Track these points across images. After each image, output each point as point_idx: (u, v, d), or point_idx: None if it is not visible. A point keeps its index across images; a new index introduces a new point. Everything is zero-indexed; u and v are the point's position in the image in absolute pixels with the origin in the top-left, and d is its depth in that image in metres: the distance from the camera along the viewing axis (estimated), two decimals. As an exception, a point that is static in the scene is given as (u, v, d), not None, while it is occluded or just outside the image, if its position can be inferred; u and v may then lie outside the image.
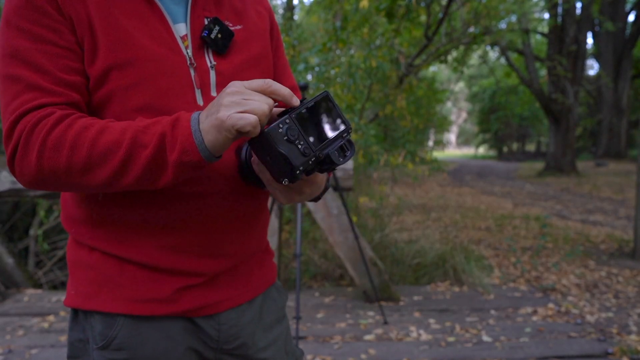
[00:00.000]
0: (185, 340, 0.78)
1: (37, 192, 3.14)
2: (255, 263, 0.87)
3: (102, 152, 0.63)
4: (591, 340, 2.54)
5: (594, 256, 4.47)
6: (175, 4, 0.74)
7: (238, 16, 0.82)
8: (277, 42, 0.92)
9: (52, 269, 4.13)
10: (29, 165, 0.64)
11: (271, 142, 0.61)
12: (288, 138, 0.62)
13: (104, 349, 0.75)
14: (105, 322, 0.74)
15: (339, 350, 2.45)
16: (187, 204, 0.74)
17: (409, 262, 3.86)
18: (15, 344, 2.51)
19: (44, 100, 0.65)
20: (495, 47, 14.54)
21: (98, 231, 0.75)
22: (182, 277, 0.76)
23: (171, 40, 0.72)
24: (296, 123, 0.63)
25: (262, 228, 0.89)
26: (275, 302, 0.91)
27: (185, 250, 0.75)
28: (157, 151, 0.63)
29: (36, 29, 0.66)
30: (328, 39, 4.77)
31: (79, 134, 0.63)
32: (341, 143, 0.67)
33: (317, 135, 0.66)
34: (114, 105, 0.69)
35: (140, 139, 0.63)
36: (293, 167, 0.62)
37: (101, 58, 0.68)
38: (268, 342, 0.87)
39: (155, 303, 0.75)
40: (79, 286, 0.77)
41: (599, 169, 14.87)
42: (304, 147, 0.63)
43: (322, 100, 0.67)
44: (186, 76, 0.72)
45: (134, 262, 0.74)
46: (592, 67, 26.71)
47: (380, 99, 6.47)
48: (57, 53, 0.67)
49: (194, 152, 0.62)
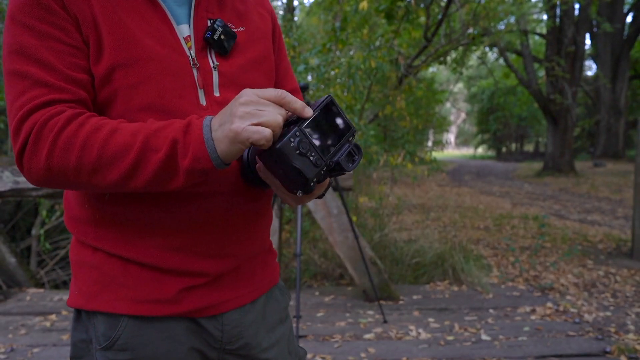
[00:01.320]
0: (189, 340, 0.78)
1: (39, 192, 3.15)
2: (258, 263, 0.87)
3: (113, 154, 0.63)
4: (589, 339, 2.56)
5: (592, 256, 4.50)
6: (179, 5, 0.75)
7: (240, 18, 0.82)
8: (280, 44, 0.92)
9: (54, 269, 4.14)
10: (38, 163, 0.63)
11: (285, 158, 0.61)
12: (300, 151, 0.62)
13: (107, 350, 0.74)
14: (108, 322, 0.74)
15: (339, 349, 2.46)
16: (190, 204, 0.74)
17: (408, 262, 3.87)
18: (18, 343, 2.52)
19: (53, 97, 0.65)
20: (494, 48, 14.55)
21: (102, 231, 0.74)
22: (186, 278, 0.76)
23: (174, 41, 0.73)
24: (306, 135, 0.63)
25: (265, 228, 0.89)
26: (278, 303, 0.91)
27: (189, 251, 0.75)
28: (169, 156, 0.63)
29: (42, 26, 0.65)
30: (328, 40, 4.78)
31: (89, 135, 0.63)
32: (349, 148, 0.68)
33: (325, 142, 0.66)
34: (118, 104, 0.70)
35: (151, 143, 0.63)
36: (307, 180, 0.63)
37: (106, 57, 0.68)
38: (271, 343, 0.87)
39: (159, 303, 0.75)
40: (82, 286, 0.76)
41: (597, 169, 14.90)
42: (315, 159, 0.64)
43: (327, 105, 0.67)
44: (189, 76, 0.73)
45: (138, 263, 0.74)
46: (590, 68, 26.72)
47: (380, 99, 6.49)
48: (64, 50, 0.67)
49: (206, 160, 0.63)
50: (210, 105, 0.75)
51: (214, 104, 0.75)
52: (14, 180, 3.11)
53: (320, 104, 0.67)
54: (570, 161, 14.28)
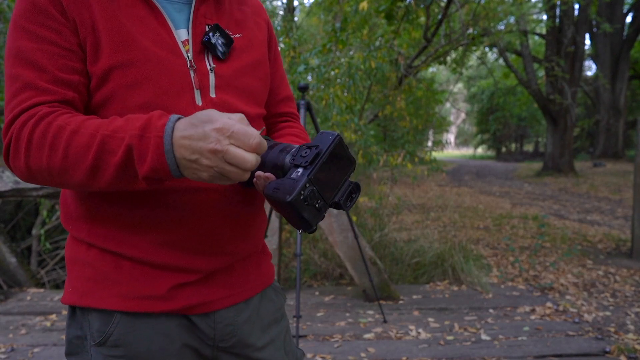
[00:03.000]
0: (181, 337, 0.79)
1: (39, 192, 3.16)
2: (251, 263, 0.88)
3: (74, 155, 0.64)
4: (589, 338, 2.56)
5: (592, 255, 4.50)
6: (178, 11, 0.77)
7: (238, 25, 0.85)
8: (275, 53, 0.95)
9: (55, 268, 4.14)
10: (19, 164, 0.67)
11: (294, 209, 0.63)
12: (308, 202, 0.64)
13: (100, 346, 0.75)
14: (102, 318, 0.75)
15: (339, 349, 2.47)
16: (183, 200, 0.75)
17: (408, 262, 3.88)
18: (18, 343, 2.53)
19: (37, 100, 0.68)
20: (493, 48, 14.56)
21: (95, 228, 0.76)
22: (178, 274, 0.77)
23: (172, 44, 0.75)
24: (314, 184, 0.65)
25: (259, 228, 0.90)
26: (273, 303, 0.92)
27: (181, 247, 0.76)
28: (124, 160, 0.63)
29: (39, 30, 0.68)
30: (328, 40, 4.78)
31: (56, 134, 0.64)
32: (350, 188, 0.69)
33: (329, 183, 0.67)
34: (115, 103, 0.71)
35: (108, 145, 0.63)
36: (311, 225, 0.66)
37: (104, 58, 0.70)
38: (266, 342, 0.88)
39: (151, 300, 0.76)
40: (76, 283, 0.78)
41: (597, 169, 14.91)
42: (320, 205, 0.66)
43: (335, 146, 0.67)
44: (186, 77, 0.74)
45: (130, 258, 0.75)
46: (589, 68, 26.74)
47: (380, 99, 6.49)
48: (58, 53, 0.69)
49: (165, 172, 0.63)
50: (206, 106, 0.76)
51: (210, 105, 0.77)
52: (15, 180, 3.12)
53: (330, 145, 0.66)
54: (570, 161, 14.29)
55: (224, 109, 0.76)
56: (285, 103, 0.99)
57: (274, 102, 0.96)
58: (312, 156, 0.65)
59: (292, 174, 0.65)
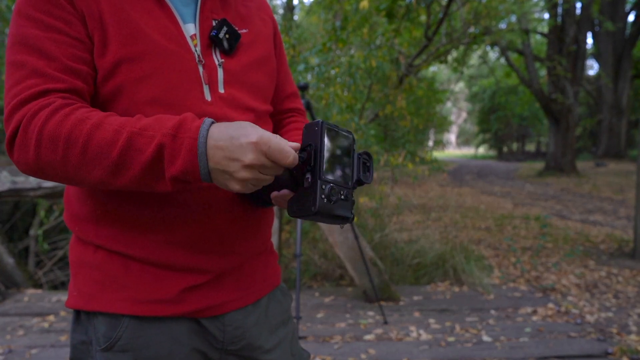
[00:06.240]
0: (191, 341, 0.78)
1: (37, 192, 3.14)
2: (260, 264, 0.87)
3: (96, 150, 0.61)
4: (591, 340, 2.54)
5: (594, 256, 4.47)
6: (184, 5, 0.76)
7: (243, 21, 0.84)
8: (280, 49, 0.94)
9: (52, 269, 4.13)
10: (27, 155, 0.63)
11: (325, 214, 0.64)
12: (332, 200, 0.64)
13: (107, 351, 0.74)
14: (109, 323, 0.74)
15: (339, 350, 2.45)
16: (192, 199, 0.74)
17: (409, 262, 3.85)
18: (16, 344, 2.51)
19: (47, 86, 0.65)
20: (495, 47, 14.55)
21: (103, 228, 0.74)
22: (188, 275, 0.76)
23: (181, 38, 0.74)
24: (328, 180, 0.65)
25: (267, 227, 0.89)
26: (280, 304, 0.91)
27: (190, 246, 0.75)
28: (154, 160, 0.61)
29: (47, 18, 0.67)
30: (328, 39, 4.76)
31: (74, 127, 0.62)
32: (361, 159, 0.69)
33: (341, 167, 0.67)
34: (123, 98, 0.70)
35: (136, 142, 0.61)
36: (348, 218, 0.67)
37: (112, 51, 0.69)
38: (274, 344, 0.87)
39: (162, 304, 0.74)
40: (82, 287, 0.76)
41: (599, 169, 14.88)
42: (345, 193, 0.66)
43: (324, 132, 0.67)
44: (195, 72, 0.73)
45: (139, 260, 0.74)
46: (592, 67, 26.73)
47: (380, 99, 6.47)
48: (66, 42, 0.67)
49: (195, 175, 0.62)
50: (216, 101, 0.75)
51: (219, 100, 0.76)
52: (12, 180, 3.10)
53: (320, 137, 0.66)
54: (572, 161, 14.25)
55: (233, 104, 0.76)
56: (290, 99, 0.99)
57: (280, 98, 0.96)
58: (311, 156, 0.65)
59: (303, 183, 0.66)
